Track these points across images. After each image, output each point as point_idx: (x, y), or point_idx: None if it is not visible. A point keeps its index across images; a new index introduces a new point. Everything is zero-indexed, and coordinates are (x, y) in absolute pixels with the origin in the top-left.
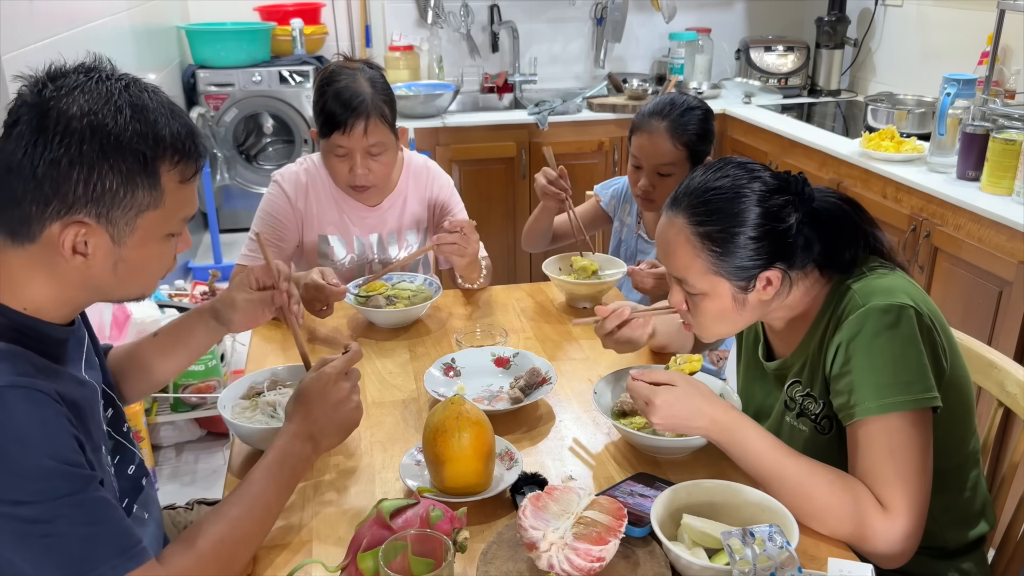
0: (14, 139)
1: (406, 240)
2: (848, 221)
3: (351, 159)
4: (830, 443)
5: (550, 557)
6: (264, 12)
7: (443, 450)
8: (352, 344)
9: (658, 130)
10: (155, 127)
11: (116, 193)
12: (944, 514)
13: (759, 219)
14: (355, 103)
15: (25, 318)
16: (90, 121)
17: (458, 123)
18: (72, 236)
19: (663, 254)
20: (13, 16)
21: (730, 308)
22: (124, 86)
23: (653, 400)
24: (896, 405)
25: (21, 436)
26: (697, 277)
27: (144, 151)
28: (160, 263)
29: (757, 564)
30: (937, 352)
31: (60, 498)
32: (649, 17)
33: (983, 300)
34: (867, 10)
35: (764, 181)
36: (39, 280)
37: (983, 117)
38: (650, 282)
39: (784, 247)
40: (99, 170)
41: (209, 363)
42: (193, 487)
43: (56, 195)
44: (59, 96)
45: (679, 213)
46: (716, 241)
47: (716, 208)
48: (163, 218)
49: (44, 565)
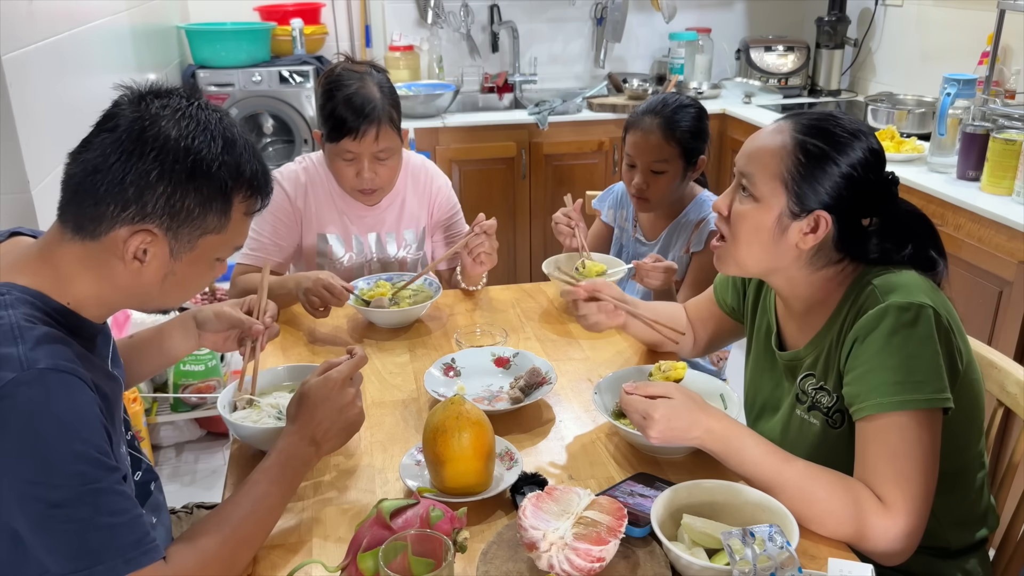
0: (110, 143)
1: (404, 239)
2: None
3: (359, 163)
4: (840, 437)
5: (550, 557)
6: (264, 12)
7: (443, 450)
8: (356, 348)
9: (651, 128)
10: (240, 160)
11: (192, 212)
12: (947, 515)
13: (856, 162)
14: (367, 109)
15: (65, 309)
16: (186, 145)
17: (458, 123)
18: (137, 243)
19: (749, 151)
20: (13, 16)
21: (770, 228)
22: (219, 118)
23: (652, 414)
24: (908, 403)
25: (58, 419)
26: (765, 177)
27: (226, 180)
28: (200, 282)
29: (757, 564)
30: (953, 354)
31: (86, 485)
32: (649, 17)
33: (983, 300)
34: (867, 10)
35: (879, 145)
36: (87, 277)
37: (983, 117)
38: (657, 279)
39: (851, 209)
40: (183, 189)
41: (209, 363)
42: (193, 487)
43: (137, 202)
44: (162, 115)
45: (789, 120)
46: (808, 154)
47: (827, 131)
48: (221, 243)
49: (59, 550)
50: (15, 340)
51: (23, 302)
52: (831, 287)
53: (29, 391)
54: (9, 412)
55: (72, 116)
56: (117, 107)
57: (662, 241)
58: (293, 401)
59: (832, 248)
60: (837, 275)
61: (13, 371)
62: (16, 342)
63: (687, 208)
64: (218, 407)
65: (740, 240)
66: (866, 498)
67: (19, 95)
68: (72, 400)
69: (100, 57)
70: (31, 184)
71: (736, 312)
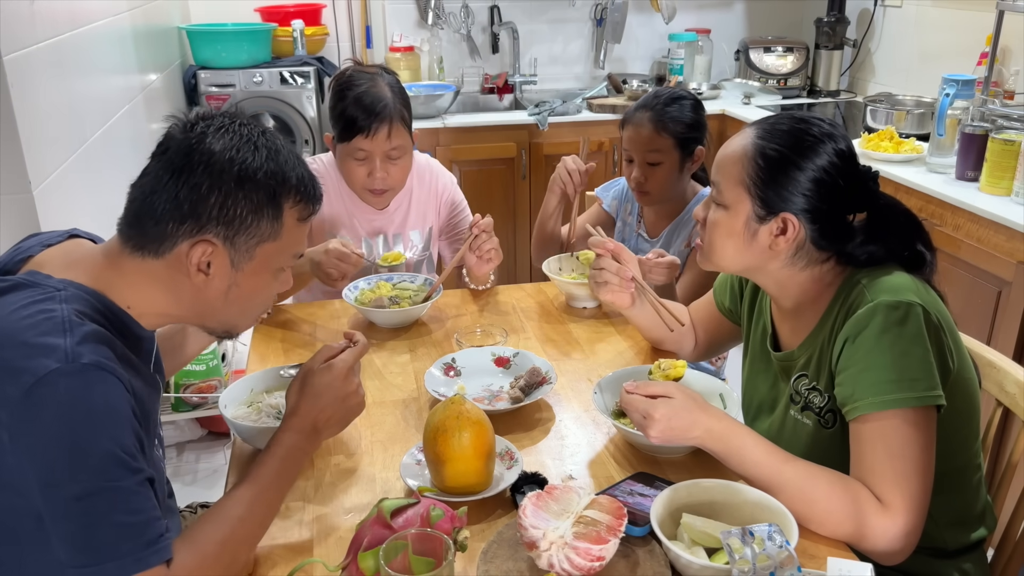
0: (163, 166)
1: (411, 240)
2: (903, 231)
3: (370, 163)
4: (833, 437)
5: (550, 556)
6: (265, 13)
7: (443, 450)
8: (357, 335)
9: (644, 120)
10: (285, 168)
11: (245, 219)
12: (944, 515)
13: (821, 167)
14: (378, 107)
15: (121, 311)
16: (231, 156)
17: (458, 124)
18: (199, 253)
19: (716, 159)
20: (14, 17)
21: (740, 232)
22: (262, 131)
23: (652, 414)
24: (899, 402)
25: (92, 413)
26: (729, 184)
27: (274, 187)
28: (264, 296)
29: (756, 563)
30: (944, 352)
31: (109, 483)
32: (649, 18)
33: (982, 300)
34: (866, 11)
35: (848, 146)
36: (153, 290)
37: (982, 117)
38: (659, 274)
39: (824, 210)
40: (233, 197)
41: (210, 363)
42: (194, 487)
43: (192, 215)
44: (207, 133)
45: (755, 126)
46: (766, 159)
47: (787, 133)
48: (278, 251)
49: (73, 542)
50: (64, 333)
51: (78, 299)
52: (821, 287)
53: (69, 382)
54: (47, 399)
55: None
56: (168, 135)
57: (664, 238)
58: (293, 388)
59: (813, 248)
60: (825, 275)
61: (58, 361)
62: (65, 335)
63: (689, 205)
64: (219, 407)
65: (715, 246)
66: (865, 498)
67: (20, 95)
68: (108, 398)
69: (101, 58)
70: (32, 184)
71: (733, 314)
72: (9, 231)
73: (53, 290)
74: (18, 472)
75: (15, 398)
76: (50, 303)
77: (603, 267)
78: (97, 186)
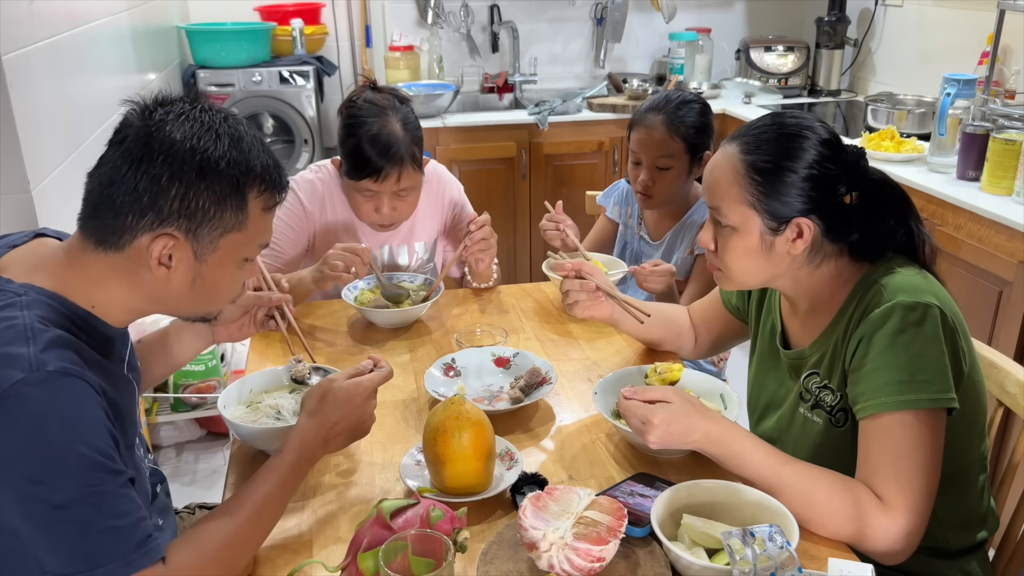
0: (121, 155)
1: (415, 250)
2: (894, 205)
3: (377, 200)
4: (843, 436)
5: (550, 557)
6: (264, 12)
7: (443, 450)
8: (383, 362)
9: (655, 124)
10: (248, 156)
11: (207, 211)
12: (948, 515)
13: (812, 163)
14: (390, 152)
15: (85, 313)
16: (192, 145)
17: (458, 123)
18: (160, 247)
19: (706, 184)
20: (13, 16)
21: (756, 249)
22: (223, 118)
23: (651, 420)
24: (912, 403)
25: (64, 420)
26: (732, 206)
27: (237, 176)
28: (231, 287)
29: (757, 564)
30: (958, 354)
31: (90, 488)
32: (649, 17)
33: (983, 300)
34: (867, 10)
35: (828, 131)
36: (115, 286)
37: (983, 117)
38: (656, 283)
39: (826, 202)
40: (195, 188)
41: (209, 363)
42: (193, 487)
43: (152, 208)
44: (166, 120)
45: (733, 142)
46: (761, 172)
47: (771, 140)
48: (243, 241)
49: (62, 552)
50: (27, 341)
51: (40, 304)
52: (836, 285)
53: (36, 391)
54: (16, 411)
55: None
56: (125, 122)
57: (667, 242)
58: (314, 395)
59: (825, 240)
60: (841, 272)
61: (23, 371)
62: (28, 343)
63: (692, 209)
64: (218, 407)
65: (733, 268)
66: (866, 498)
67: (19, 95)
68: (78, 403)
69: (100, 57)
70: (31, 184)
71: (741, 312)
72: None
73: (13, 295)
74: None
75: None
76: (11, 310)
77: (568, 288)
78: None
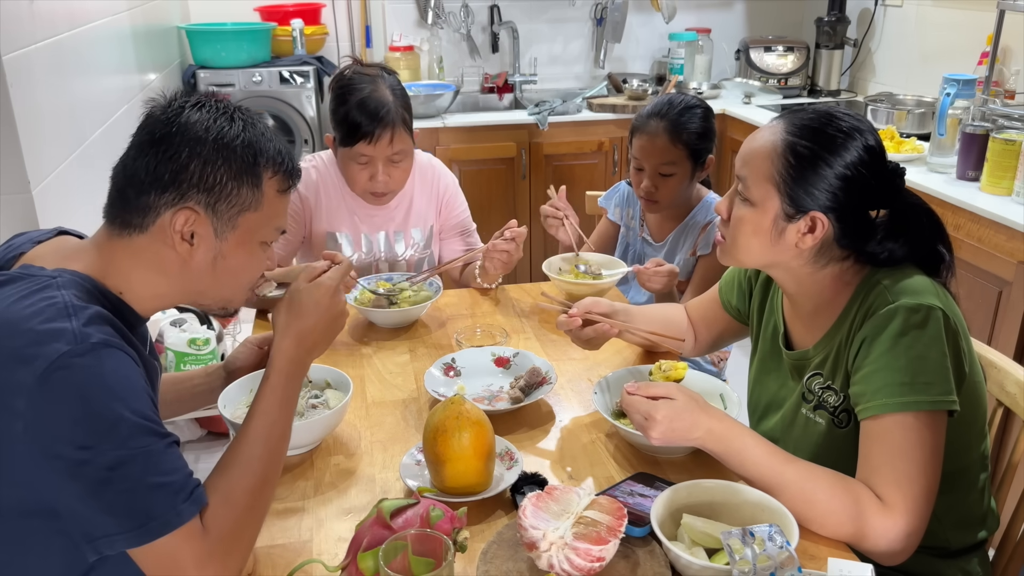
0: (144, 141)
1: (412, 238)
2: (921, 233)
3: (372, 167)
4: (846, 437)
5: (550, 557)
6: (264, 12)
7: (443, 450)
8: (339, 255)
9: (658, 130)
10: (261, 139)
11: (225, 186)
12: (948, 515)
13: (850, 163)
14: (381, 113)
15: (114, 297)
16: (208, 126)
17: (458, 123)
18: (182, 221)
19: (743, 152)
20: (13, 16)
21: (767, 230)
22: (236, 107)
23: (654, 415)
24: (913, 404)
25: (110, 388)
26: (757, 180)
27: (252, 155)
28: (250, 270)
29: (757, 564)
30: (960, 356)
31: (139, 449)
32: (649, 17)
33: (983, 300)
34: (867, 10)
35: (876, 141)
36: (141, 270)
37: (983, 117)
38: (658, 283)
39: (851, 207)
40: (212, 163)
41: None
42: None
43: (173, 183)
44: (184, 108)
45: (783, 119)
46: (797, 156)
47: (818, 129)
48: (260, 222)
49: (116, 512)
50: (68, 317)
51: (75, 284)
52: (839, 286)
53: (82, 361)
54: (63, 381)
55: (73, 116)
56: (148, 116)
57: (669, 243)
58: (281, 309)
59: (835, 245)
60: (844, 273)
61: (68, 344)
62: (70, 318)
63: (694, 210)
64: (218, 407)
65: (739, 243)
66: (867, 498)
67: (20, 95)
68: (123, 372)
69: (101, 57)
70: (31, 184)
71: (741, 314)
72: (9, 231)
73: (49, 279)
74: (30, 463)
75: (30, 385)
76: (49, 290)
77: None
78: (96, 186)
